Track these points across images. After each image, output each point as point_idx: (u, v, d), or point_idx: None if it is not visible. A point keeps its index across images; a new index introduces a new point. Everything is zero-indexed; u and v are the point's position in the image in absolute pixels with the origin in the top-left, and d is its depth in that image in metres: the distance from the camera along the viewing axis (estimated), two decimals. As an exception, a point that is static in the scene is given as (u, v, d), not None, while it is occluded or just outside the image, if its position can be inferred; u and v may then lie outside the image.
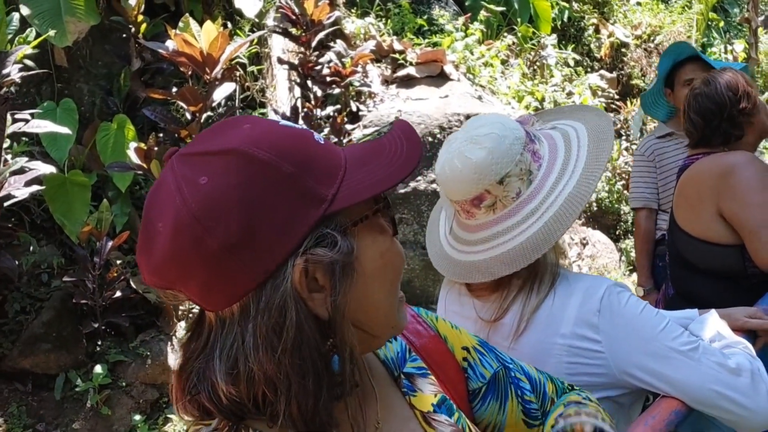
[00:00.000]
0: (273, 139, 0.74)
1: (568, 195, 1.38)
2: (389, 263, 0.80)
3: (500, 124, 1.41)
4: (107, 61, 4.69)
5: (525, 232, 1.37)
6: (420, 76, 5.19)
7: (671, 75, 3.27)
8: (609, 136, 1.46)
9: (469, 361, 1.04)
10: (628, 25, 8.35)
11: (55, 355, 3.87)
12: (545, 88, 6.47)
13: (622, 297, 1.38)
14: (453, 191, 1.42)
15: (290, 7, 4.36)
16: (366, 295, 0.78)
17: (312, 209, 0.73)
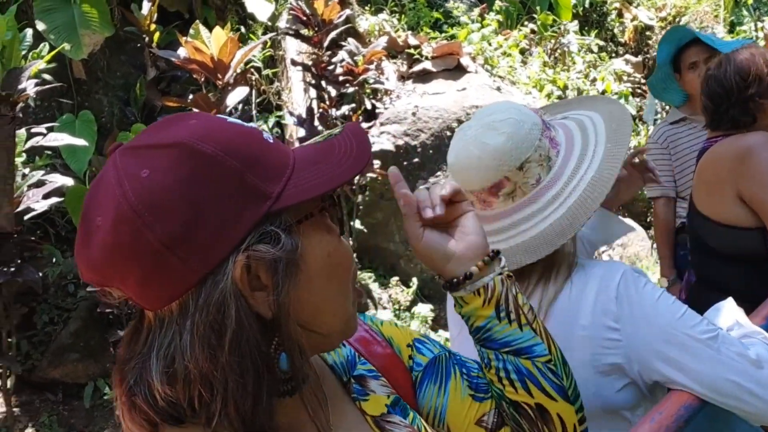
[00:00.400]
0: (219, 135, 0.73)
1: (591, 179, 1.33)
2: (336, 263, 0.79)
3: (516, 109, 1.37)
4: (124, 72, 4.75)
5: (547, 218, 1.33)
6: (436, 70, 5.14)
7: (677, 59, 3.22)
8: (626, 120, 1.41)
9: (413, 357, 1.02)
10: (652, 8, 8.14)
11: (84, 365, 3.93)
12: (567, 76, 6.35)
13: (639, 282, 1.32)
14: (470, 180, 1.35)
15: (301, 8, 4.35)
16: (313, 295, 0.77)
17: (255, 206, 0.71)
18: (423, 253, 0.98)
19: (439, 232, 0.98)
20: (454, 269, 0.97)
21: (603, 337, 1.30)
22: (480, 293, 0.96)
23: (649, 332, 1.29)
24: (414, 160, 4.71)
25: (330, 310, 0.80)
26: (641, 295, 1.31)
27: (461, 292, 0.97)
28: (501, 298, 0.97)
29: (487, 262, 0.97)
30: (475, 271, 0.96)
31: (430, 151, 4.73)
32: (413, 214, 0.97)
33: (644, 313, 1.30)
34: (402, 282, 4.68)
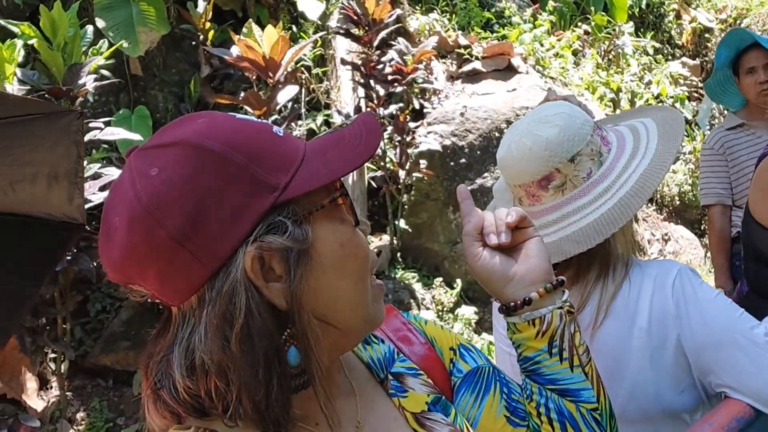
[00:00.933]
0: (225, 132, 0.75)
1: (642, 172, 1.33)
2: (350, 254, 0.78)
3: (568, 106, 1.39)
4: (179, 69, 4.86)
5: (598, 209, 1.32)
6: (486, 70, 5.11)
7: (736, 62, 3.14)
8: (678, 119, 1.42)
9: (454, 362, 1.00)
10: (711, 9, 7.92)
11: (134, 353, 4.03)
12: (621, 78, 6.23)
13: (695, 281, 1.31)
14: (520, 172, 1.37)
15: (352, 7, 4.38)
16: (328, 287, 0.76)
17: (262, 198, 0.72)
18: (480, 273, 0.95)
19: (500, 252, 0.95)
20: (512, 292, 0.94)
21: (662, 337, 1.29)
22: (535, 324, 0.93)
23: (706, 332, 1.27)
24: (461, 160, 4.69)
25: (346, 303, 0.78)
26: (697, 293, 1.30)
27: (516, 319, 0.95)
28: (556, 333, 0.93)
29: (549, 290, 0.93)
30: (534, 297, 0.92)
31: (477, 152, 4.71)
32: (475, 233, 0.95)
33: (700, 312, 1.28)
34: (446, 283, 4.66)
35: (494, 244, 0.93)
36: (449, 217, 4.70)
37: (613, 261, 1.37)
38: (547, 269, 0.94)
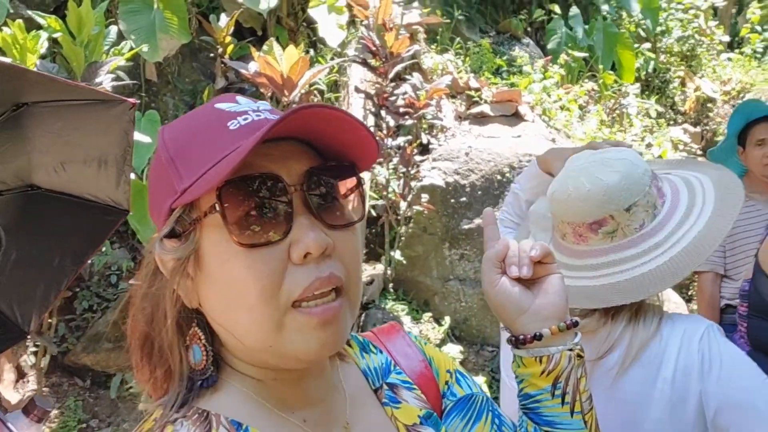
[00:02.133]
0: (184, 122, 0.79)
1: (699, 232, 1.32)
2: (234, 277, 0.72)
3: (631, 153, 1.38)
4: (193, 78, 4.92)
5: (646, 264, 1.31)
6: (494, 115, 5.19)
7: (743, 133, 3.16)
8: (737, 185, 1.40)
9: (449, 385, 0.99)
10: (716, 80, 8.11)
11: (116, 355, 3.99)
12: (623, 137, 6.34)
13: (722, 340, 1.32)
14: (573, 211, 1.35)
15: (371, 38, 4.47)
16: (219, 303, 0.75)
17: (168, 199, 0.75)
18: (495, 301, 0.94)
19: (518, 283, 0.93)
20: (524, 325, 0.92)
21: (684, 391, 1.30)
22: (542, 361, 0.91)
23: (727, 393, 1.28)
24: (462, 198, 4.73)
25: (239, 322, 0.74)
26: (723, 352, 1.30)
27: (523, 353, 0.93)
28: (562, 374, 0.90)
29: (562, 328, 0.91)
30: (546, 333, 0.90)
31: (479, 191, 4.76)
32: (495, 260, 0.94)
33: (724, 371, 1.29)
34: (434, 319, 4.67)
35: (515, 276, 0.92)
36: (444, 253, 4.73)
37: (644, 309, 1.36)
38: (563, 308, 0.92)
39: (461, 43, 5.91)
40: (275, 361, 0.76)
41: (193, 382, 0.78)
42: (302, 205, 0.73)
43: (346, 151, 0.77)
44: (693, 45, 8.19)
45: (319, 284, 0.71)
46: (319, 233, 0.71)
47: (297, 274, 0.71)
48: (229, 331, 0.75)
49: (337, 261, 0.74)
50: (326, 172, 0.76)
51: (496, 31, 6.70)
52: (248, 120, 0.75)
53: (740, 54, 8.64)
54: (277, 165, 0.73)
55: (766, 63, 8.74)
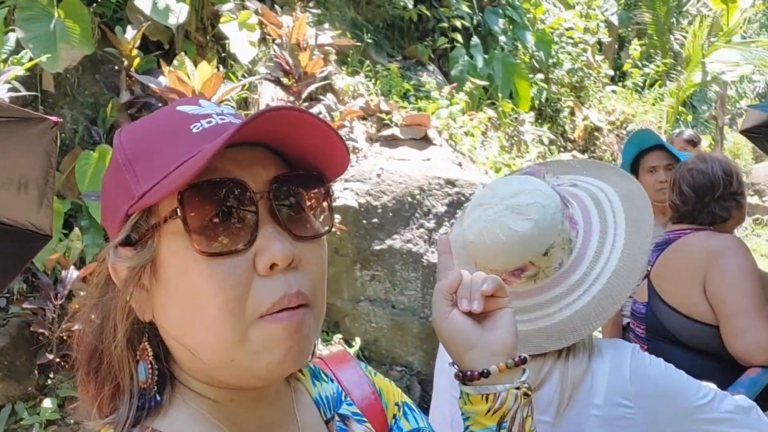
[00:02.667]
0: (143, 125, 0.75)
1: (615, 269, 1.34)
2: (192, 288, 0.67)
3: (539, 191, 1.36)
4: (94, 91, 4.67)
5: (572, 305, 1.33)
6: (404, 138, 5.28)
7: (635, 162, 3.35)
8: (645, 203, 1.42)
9: (397, 418, 0.96)
10: (602, 111, 8.67)
11: (5, 385, 3.68)
12: (521, 162, 6.63)
13: (645, 359, 1.37)
14: (492, 261, 1.35)
15: (285, 57, 4.44)
16: (178, 315, 0.70)
17: (124, 205, 0.70)
18: (444, 334, 0.93)
19: (468, 316, 0.92)
20: (472, 361, 0.90)
21: (616, 415, 1.32)
22: (488, 399, 0.90)
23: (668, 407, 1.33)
24: (373, 219, 4.77)
25: (198, 336, 0.69)
26: (650, 371, 1.35)
27: (470, 389, 0.91)
28: (508, 413, 0.89)
29: (510, 365, 0.90)
30: (493, 370, 0.89)
31: (390, 213, 4.81)
32: (446, 292, 0.93)
33: (657, 389, 1.33)
34: (345, 340, 4.65)
35: (465, 310, 0.91)
36: (355, 275, 4.73)
37: (576, 345, 1.37)
38: (512, 344, 0.91)
39: (370, 66, 5.99)
40: (234, 379, 0.71)
41: (144, 400, 0.73)
42: (268, 214, 0.69)
43: (315, 160, 0.74)
44: (581, 77, 8.73)
45: (288, 300, 0.68)
46: (285, 243, 0.68)
47: (264, 288, 0.67)
48: (185, 347, 0.71)
49: (303, 274, 0.70)
50: (293, 181, 0.73)
51: (402, 56, 6.84)
52: (212, 123, 0.72)
53: (623, 87, 9.29)
54: (244, 171, 0.69)
55: (645, 96, 9.46)
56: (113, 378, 0.73)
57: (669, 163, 3.24)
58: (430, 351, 4.86)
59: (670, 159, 3.25)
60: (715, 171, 2.27)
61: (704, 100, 11.12)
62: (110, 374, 0.73)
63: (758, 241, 9.32)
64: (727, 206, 2.27)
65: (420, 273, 4.80)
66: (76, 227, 3.93)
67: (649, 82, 9.94)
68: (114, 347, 0.72)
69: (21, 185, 2.01)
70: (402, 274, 4.79)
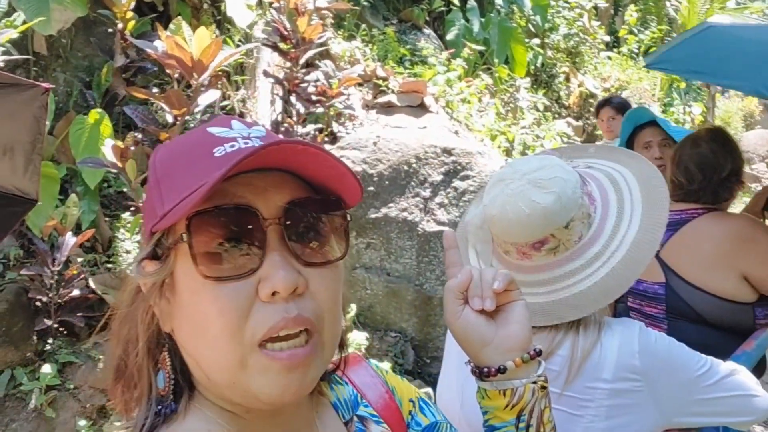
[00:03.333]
0: (175, 144, 0.78)
1: (633, 240, 1.38)
2: (200, 309, 0.70)
3: (560, 167, 1.40)
4: (88, 54, 4.59)
5: (592, 276, 1.37)
6: (400, 105, 5.25)
7: (630, 139, 3.38)
8: (660, 180, 1.47)
9: (413, 414, 0.98)
10: (597, 77, 8.63)
11: (3, 350, 3.71)
12: (517, 130, 6.61)
13: (652, 336, 1.42)
14: (514, 234, 1.38)
15: (282, 22, 4.37)
16: (188, 332, 0.73)
17: (150, 222, 0.74)
18: (457, 332, 0.93)
19: (481, 313, 0.92)
20: (488, 357, 0.91)
21: (624, 389, 1.38)
22: (506, 394, 0.91)
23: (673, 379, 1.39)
24: (369, 188, 4.76)
25: (204, 355, 0.72)
26: (658, 346, 1.41)
27: (487, 385, 0.92)
28: (526, 407, 0.91)
29: (525, 360, 0.91)
30: (510, 366, 0.90)
31: (386, 182, 4.81)
32: (457, 290, 0.93)
33: (663, 364, 1.40)
34: (340, 307, 4.69)
35: (478, 309, 0.91)
36: (351, 242, 4.73)
37: (585, 319, 1.41)
38: (526, 337, 0.92)
39: (366, 30, 5.91)
40: (239, 399, 0.73)
41: (162, 407, 0.76)
42: (277, 240, 0.70)
43: (332, 185, 0.75)
44: (577, 42, 8.66)
45: (284, 324, 0.68)
46: (289, 271, 0.69)
47: (263, 313, 0.68)
48: (196, 362, 0.73)
49: (309, 300, 0.71)
50: (309, 206, 0.73)
51: (398, 19, 6.75)
52: (235, 147, 0.72)
53: (618, 53, 9.24)
54: (257, 196, 0.71)
55: (640, 63, 9.41)
56: (135, 384, 0.77)
57: (663, 138, 3.27)
58: (424, 318, 4.93)
59: (664, 134, 3.28)
60: (722, 151, 2.29)
61: (698, 67, 11.12)
62: (133, 381, 0.77)
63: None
64: (731, 186, 2.30)
65: (415, 241, 4.82)
66: (72, 193, 3.91)
67: (644, 48, 9.89)
68: (135, 355, 0.75)
69: (7, 150, 2.02)
70: (397, 242, 4.81)
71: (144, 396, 0.76)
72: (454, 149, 5.01)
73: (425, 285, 4.87)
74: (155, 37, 4.14)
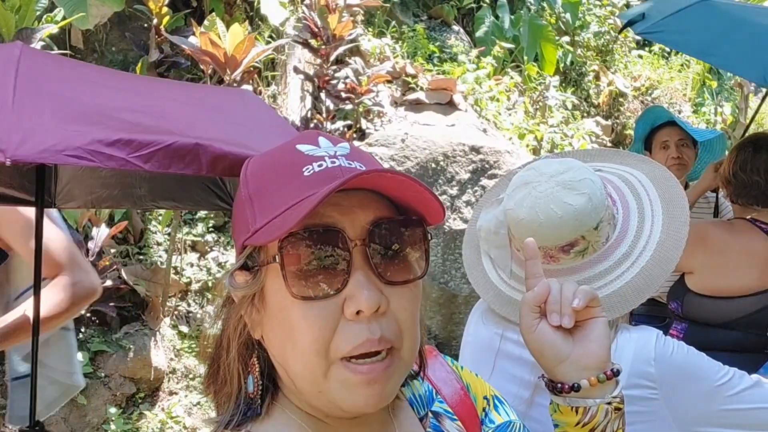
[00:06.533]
0: (265, 160, 0.80)
1: (660, 239, 1.38)
2: (287, 325, 0.74)
3: (585, 169, 1.39)
4: (123, 48, 4.67)
5: (622, 277, 1.37)
6: (429, 102, 5.26)
7: (648, 139, 3.34)
8: (674, 181, 1.47)
9: (487, 411, 0.98)
10: (628, 76, 8.54)
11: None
12: (545, 129, 6.58)
13: (669, 345, 1.41)
14: (545, 237, 1.36)
15: (313, 19, 4.40)
16: (277, 343, 0.77)
17: (242, 236, 0.77)
18: (533, 346, 0.93)
19: (558, 328, 0.91)
20: (563, 373, 0.90)
21: (638, 396, 1.37)
22: (578, 412, 0.90)
23: (691, 388, 1.38)
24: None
25: (292, 365, 0.76)
26: (675, 356, 1.40)
27: (560, 400, 0.92)
28: (597, 427, 0.90)
29: (602, 380, 0.89)
30: (585, 384, 0.89)
31: (413, 179, 4.83)
32: (533, 304, 0.92)
33: (682, 371, 1.39)
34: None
35: (555, 324, 0.90)
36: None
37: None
38: (604, 357, 0.90)
39: (396, 27, 5.92)
40: (324, 408, 0.77)
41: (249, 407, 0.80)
42: (362, 260, 0.73)
43: (414, 206, 0.77)
44: (608, 41, 8.57)
45: (369, 345, 0.72)
46: (373, 291, 0.71)
47: (348, 331, 0.72)
48: (284, 369, 0.78)
49: (391, 319, 0.74)
50: (392, 225, 0.76)
51: (428, 15, 6.75)
52: (322, 167, 0.75)
53: (650, 52, 9.12)
54: (344, 216, 0.73)
55: (671, 62, 9.28)
56: (226, 382, 0.81)
57: (681, 138, 3.22)
58: (448, 315, 4.94)
59: (683, 134, 3.24)
60: None
61: (731, 67, 10.95)
62: (224, 380, 0.81)
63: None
64: None
65: (441, 239, 4.84)
66: (106, 186, 3.98)
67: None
68: (226, 358, 0.79)
69: None
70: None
71: (233, 395, 0.80)
72: (482, 147, 5.01)
73: (450, 283, 4.88)
74: (189, 32, 4.21)
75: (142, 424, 3.95)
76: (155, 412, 4.03)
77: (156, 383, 4.12)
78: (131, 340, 4.02)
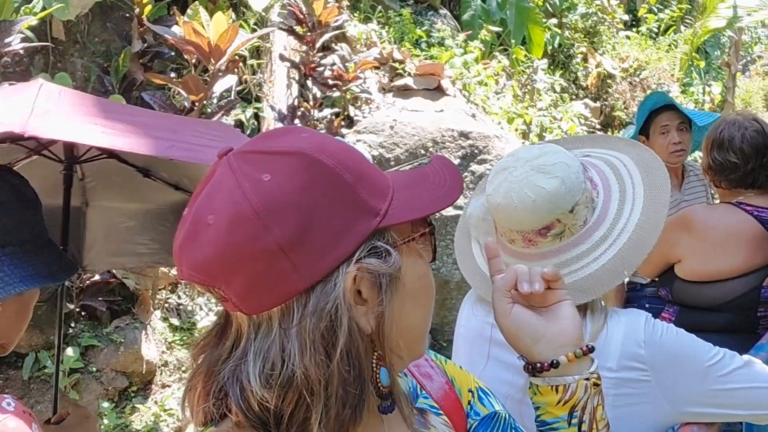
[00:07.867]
0: (333, 148, 0.76)
1: (638, 221, 1.39)
2: (425, 288, 0.82)
3: (562, 152, 1.41)
4: (105, 39, 4.60)
5: (599, 259, 1.38)
6: (417, 88, 5.22)
7: (646, 124, 3.30)
8: (658, 162, 1.48)
9: (472, 404, 0.99)
10: (615, 57, 8.51)
11: (27, 334, 3.76)
12: (534, 112, 6.56)
13: (658, 327, 1.42)
14: (520, 221, 1.39)
15: (298, 5, 4.35)
16: (406, 316, 0.79)
17: (366, 220, 0.73)
18: (509, 330, 0.94)
19: (530, 311, 0.94)
20: (541, 352, 0.92)
21: (630, 378, 1.38)
22: (558, 390, 0.92)
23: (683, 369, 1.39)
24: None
25: (417, 333, 0.82)
26: (665, 338, 1.41)
27: (539, 381, 0.94)
28: (578, 403, 0.92)
29: (578, 355, 0.92)
30: (563, 360, 0.91)
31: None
32: (504, 290, 0.95)
33: (672, 352, 1.40)
34: (357, 290, 4.72)
35: (526, 291, 0.93)
36: (368, 227, 4.76)
37: (590, 305, 1.42)
38: (577, 334, 0.93)
39: (382, 12, 5.87)
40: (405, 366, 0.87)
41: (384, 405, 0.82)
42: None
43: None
44: (595, 22, 8.54)
45: None
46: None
47: None
48: (398, 346, 0.79)
49: None
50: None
51: (414, 0, 6.69)
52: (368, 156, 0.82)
53: (637, 33, 9.09)
54: None
55: (660, 43, 9.27)
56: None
57: (681, 122, 3.20)
58: (440, 301, 4.94)
59: (682, 118, 3.22)
60: (764, 132, 2.28)
61: (717, 46, 10.91)
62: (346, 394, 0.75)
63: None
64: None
65: (432, 225, 4.82)
66: (92, 179, 3.94)
67: (664, 27, 9.73)
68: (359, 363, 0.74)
69: None
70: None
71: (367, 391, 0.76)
72: (471, 133, 4.99)
73: (442, 269, 4.87)
74: (172, 21, 4.15)
75: (135, 417, 3.93)
76: (148, 406, 4.02)
77: (148, 376, 4.10)
78: (122, 334, 4.00)
